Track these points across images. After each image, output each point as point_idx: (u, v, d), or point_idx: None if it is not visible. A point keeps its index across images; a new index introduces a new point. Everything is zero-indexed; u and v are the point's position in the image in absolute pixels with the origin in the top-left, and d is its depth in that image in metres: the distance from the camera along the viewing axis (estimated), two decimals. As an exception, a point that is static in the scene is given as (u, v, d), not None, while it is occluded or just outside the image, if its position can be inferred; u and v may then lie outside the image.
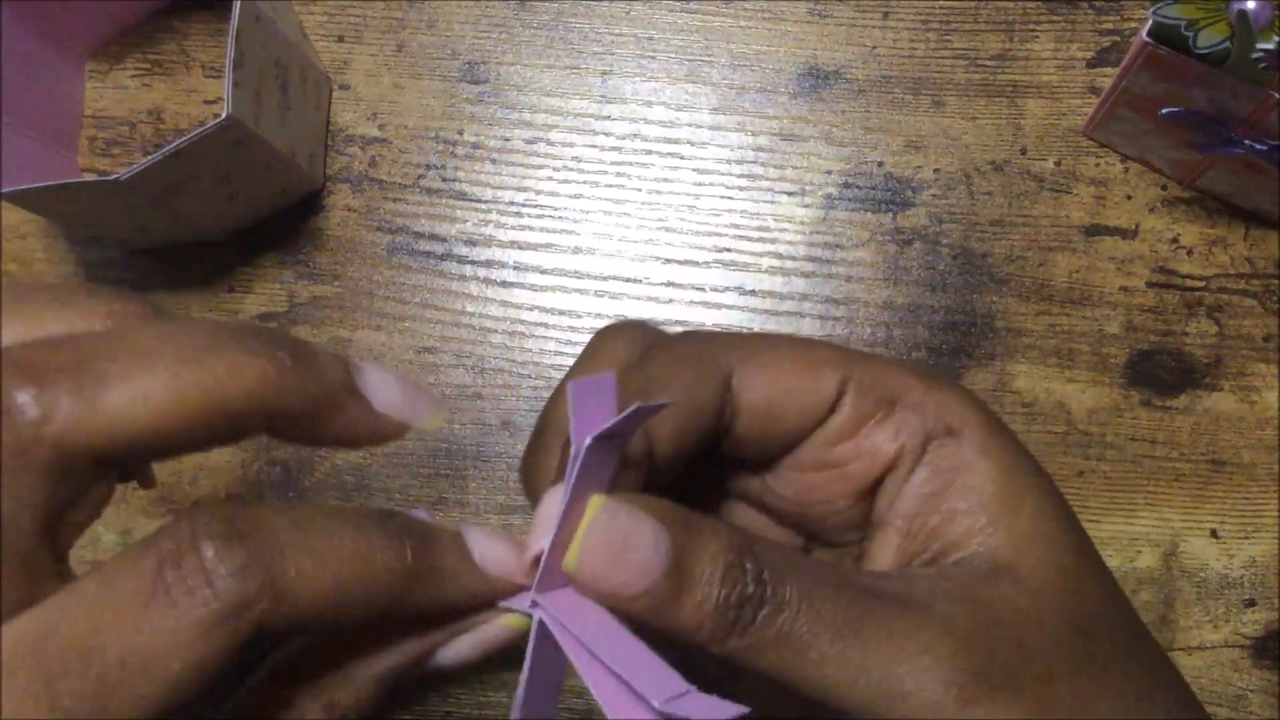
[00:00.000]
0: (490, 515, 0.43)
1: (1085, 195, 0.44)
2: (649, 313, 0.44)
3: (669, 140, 0.45)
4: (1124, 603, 0.25)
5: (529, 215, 0.45)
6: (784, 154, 0.45)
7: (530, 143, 0.46)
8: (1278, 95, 0.36)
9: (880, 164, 0.45)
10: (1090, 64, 0.45)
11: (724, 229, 0.45)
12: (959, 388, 0.26)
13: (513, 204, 0.45)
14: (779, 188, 0.45)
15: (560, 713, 0.41)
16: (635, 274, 0.44)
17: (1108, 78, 0.45)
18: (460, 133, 0.46)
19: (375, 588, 0.20)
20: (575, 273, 0.45)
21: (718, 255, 0.44)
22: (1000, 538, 0.24)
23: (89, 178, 0.41)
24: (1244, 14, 0.35)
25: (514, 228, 0.45)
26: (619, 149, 0.45)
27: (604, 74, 0.46)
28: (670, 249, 0.45)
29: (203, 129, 0.37)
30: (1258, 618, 0.41)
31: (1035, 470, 0.25)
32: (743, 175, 0.45)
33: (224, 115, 0.37)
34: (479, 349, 0.44)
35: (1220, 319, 0.43)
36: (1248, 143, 0.38)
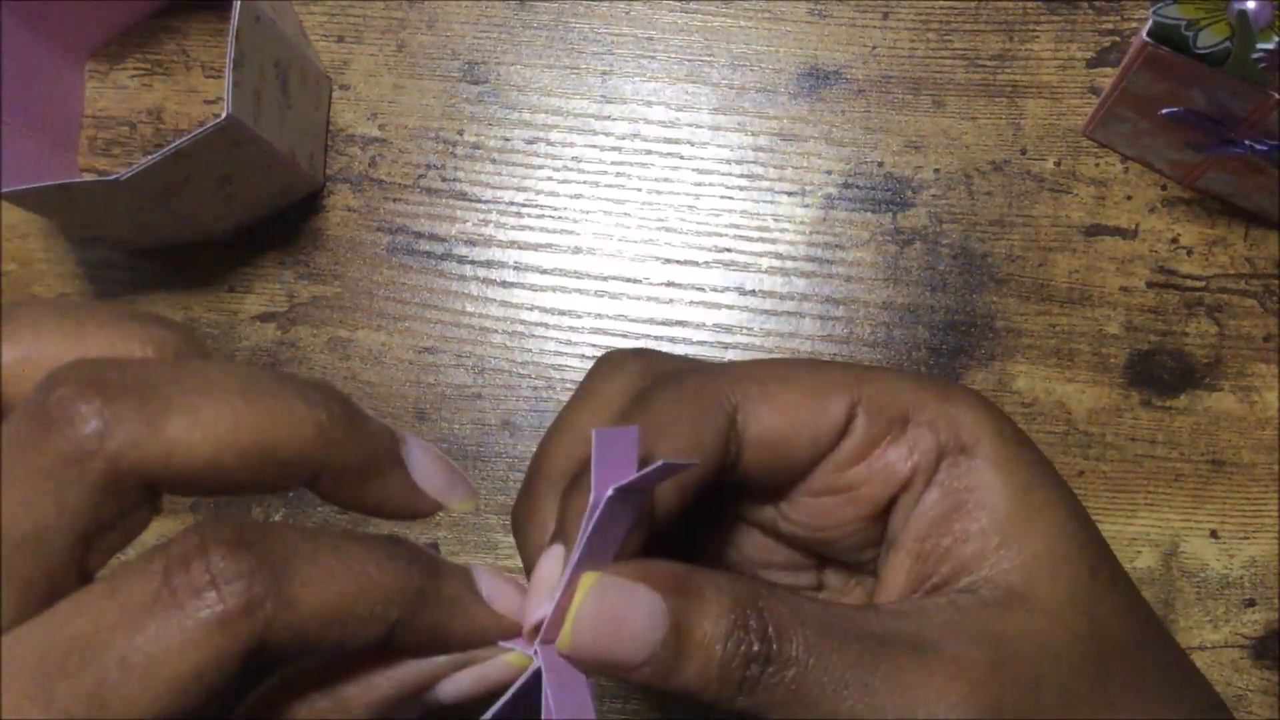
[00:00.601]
0: (490, 515, 0.43)
1: (1085, 195, 0.44)
2: (649, 313, 0.44)
3: (669, 140, 0.45)
4: (1142, 614, 0.24)
5: (529, 215, 0.45)
6: (784, 154, 0.45)
7: (530, 143, 0.46)
8: (1278, 95, 0.36)
9: (880, 164, 0.45)
10: (1090, 64, 0.45)
11: (724, 229, 0.45)
12: (974, 398, 0.25)
13: (513, 204, 0.45)
14: (779, 188, 0.45)
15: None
16: (635, 274, 0.44)
17: (1108, 78, 0.45)
18: (460, 133, 0.46)
19: (381, 606, 0.20)
20: (575, 273, 0.45)
21: (718, 255, 0.44)
22: (1012, 560, 0.23)
23: (89, 178, 0.41)
24: (1244, 14, 0.35)
25: (514, 228, 0.45)
26: (619, 149, 0.45)
27: (604, 74, 0.46)
28: (670, 249, 0.45)
29: (203, 129, 0.37)
30: (1258, 618, 0.41)
31: (1053, 483, 0.24)
32: (743, 175, 0.45)
33: (224, 115, 0.37)
34: (479, 349, 0.44)
35: (1220, 319, 0.43)
36: (1248, 143, 0.38)
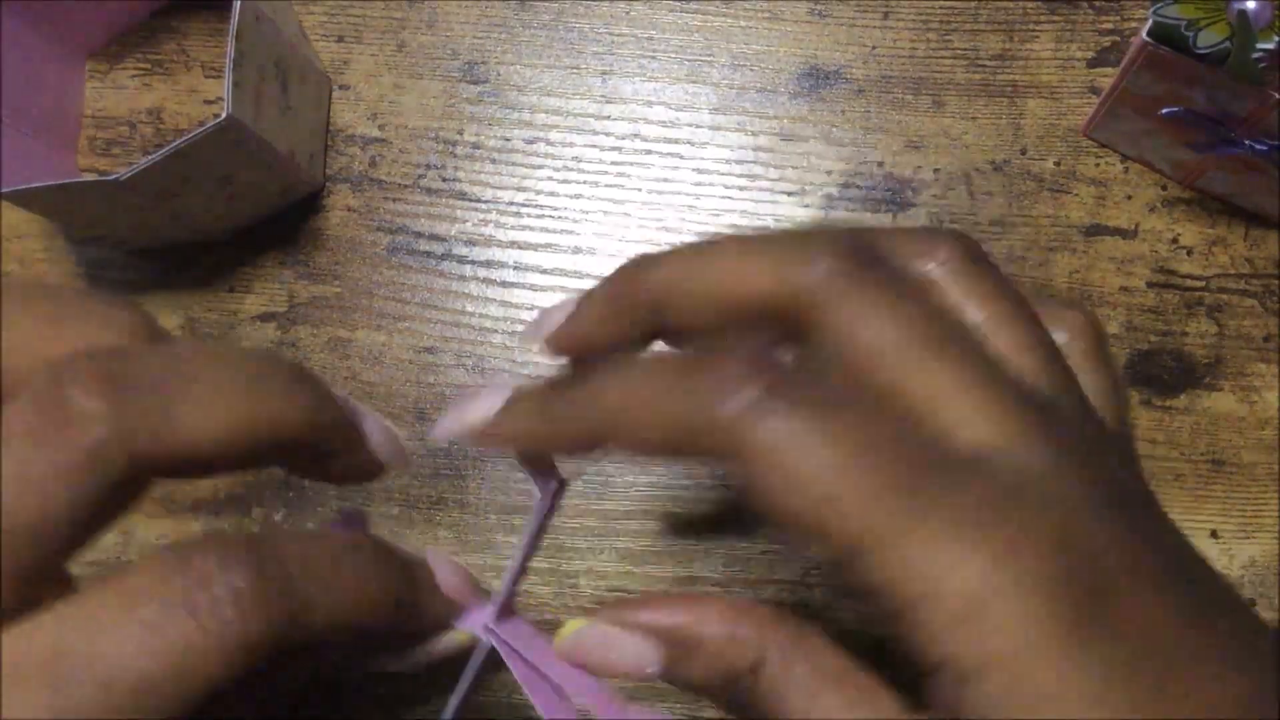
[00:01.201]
0: (490, 515, 0.43)
1: (1085, 195, 0.44)
2: (649, 313, 0.44)
3: (669, 140, 0.45)
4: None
5: (529, 215, 0.45)
6: (784, 154, 0.45)
7: (530, 143, 0.46)
8: (1278, 95, 0.36)
9: (880, 164, 0.45)
10: (1090, 64, 0.45)
11: (724, 229, 0.45)
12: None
13: (513, 204, 0.45)
14: (779, 188, 0.45)
15: None
16: (635, 274, 0.44)
17: (1108, 78, 0.45)
18: (460, 133, 0.46)
19: (370, 621, 0.21)
20: (575, 273, 0.45)
21: (718, 255, 0.44)
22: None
23: (89, 178, 0.41)
24: (1244, 14, 0.35)
25: (514, 228, 0.45)
26: (619, 149, 0.45)
27: (604, 74, 0.46)
28: (670, 249, 0.45)
29: (203, 129, 0.37)
30: (1258, 618, 0.41)
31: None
32: (743, 175, 0.45)
33: (224, 115, 0.37)
34: (479, 349, 0.44)
35: (1220, 319, 0.43)
36: (1248, 143, 0.38)
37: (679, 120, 0.46)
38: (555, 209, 0.45)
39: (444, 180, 0.45)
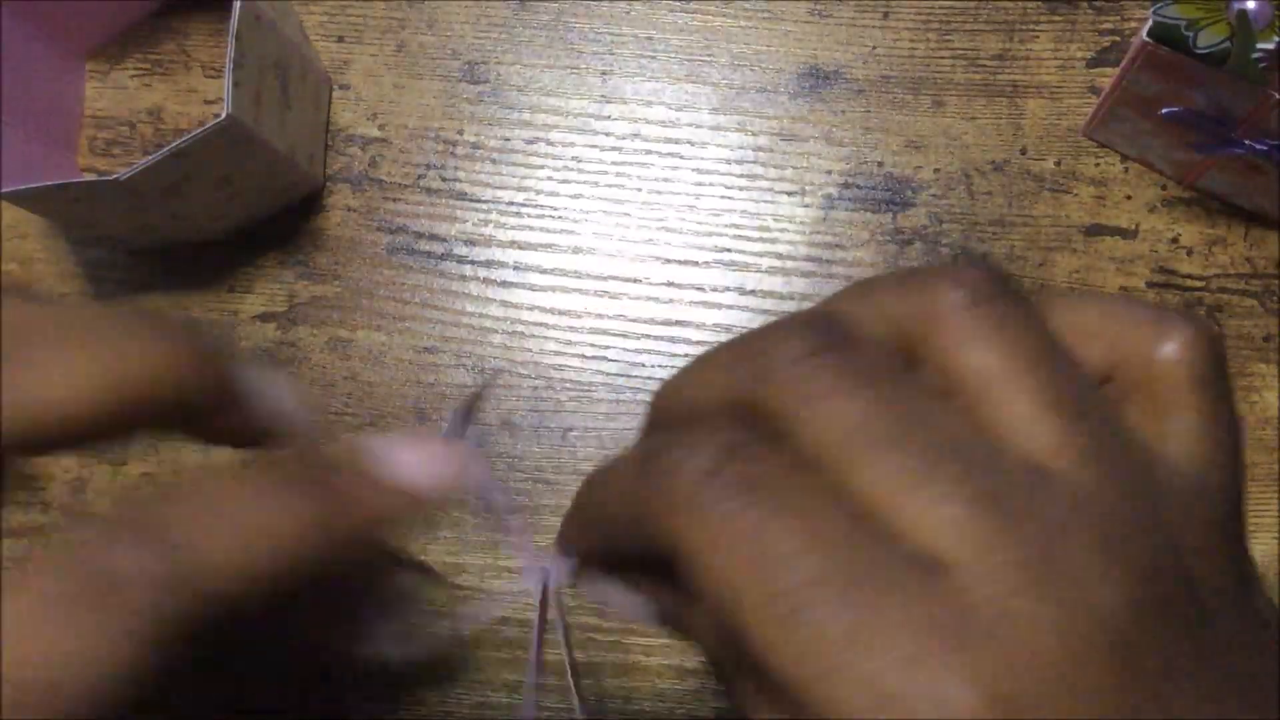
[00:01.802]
0: (491, 515, 0.43)
1: (1085, 195, 0.44)
2: (649, 313, 0.44)
3: (669, 140, 0.45)
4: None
5: (529, 215, 0.45)
6: (784, 154, 0.45)
7: (530, 143, 0.46)
8: (1278, 95, 0.36)
9: (880, 164, 0.45)
10: (1090, 64, 0.45)
11: (724, 229, 0.45)
12: None
13: (513, 204, 0.45)
14: (779, 188, 0.45)
15: (559, 713, 0.41)
16: (635, 274, 0.44)
17: (1108, 78, 0.45)
18: (460, 133, 0.46)
19: (288, 553, 0.19)
20: (575, 273, 0.45)
21: (718, 255, 0.44)
22: None
23: (89, 178, 0.41)
24: (1244, 14, 0.35)
25: (514, 228, 0.45)
26: (619, 149, 0.45)
27: (604, 74, 0.46)
28: (670, 249, 0.45)
29: (203, 129, 0.37)
30: (1258, 618, 0.41)
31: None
32: (743, 175, 0.45)
33: (224, 115, 0.37)
34: (479, 349, 0.44)
35: (1220, 319, 0.43)
36: (1248, 143, 0.38)
37: (679, 120, 0.46)
38: (555, 209, 0.45)
39: (444, 180, 0.45)
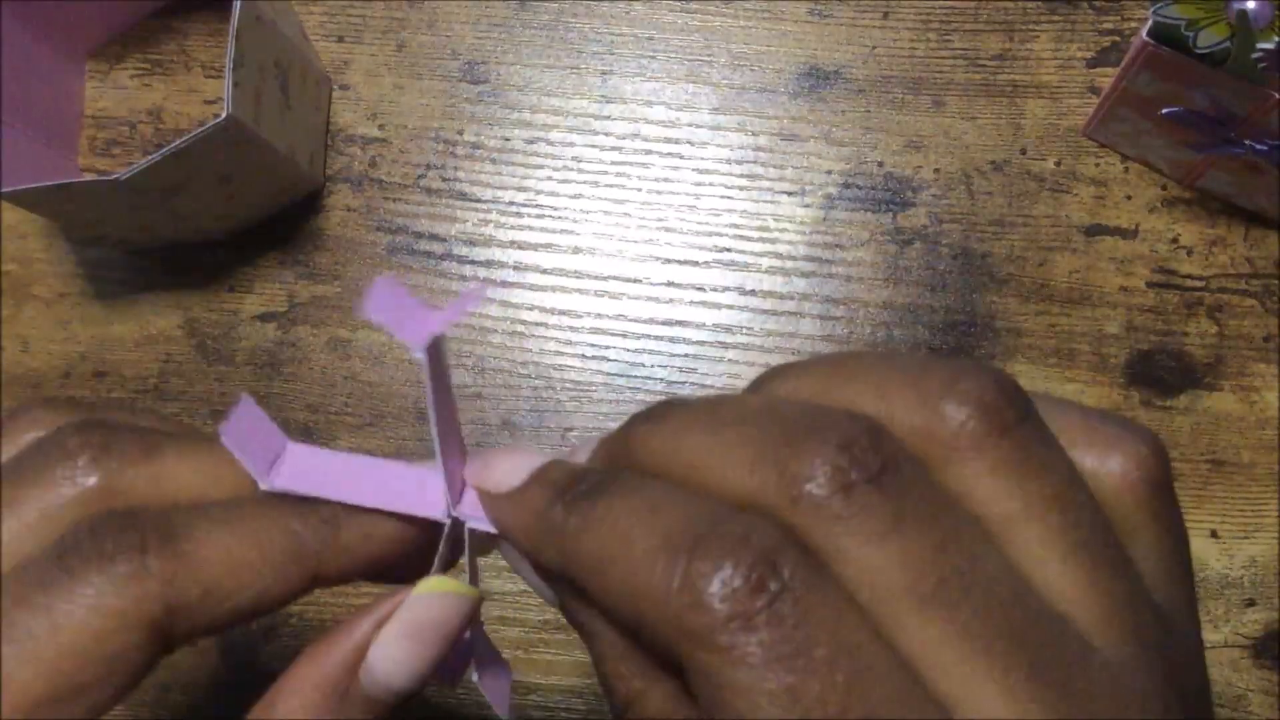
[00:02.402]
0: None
1: (1085, 195, 0.44)
2: (649, 313, 0.44)
3: (669, 140, 0.45)
4: None
5: (529, 215, 0.45)
6: (784, 154, 0.45)
7: (530, 143, 0.46)
8: (1278, 95, 0.36)
9: (880, 164, 0.45)
10: (1090, 64, 0.45)
11: (724, 229, 0.45)
12: None
13: (513, 204, 0.45)
14: (779, 188, 0.45)
15: (559, 713, 0.41)
16: (635, 274, 0.44)
17: (1108, 78, 0.45)
18: (460, 133, 0.46)
19: (276, 575, 0.21)
20: (575, 273, 0.45)
21: (718, 255, 0.44)
22: None
23: (89, 178, 0.41)
24: (1244, 14, 0.35)
25: (514, 228, 0.45)
26: (619, 149, 0.45)
27: (604, 74, 0.46)
28: (670, 249, 0.45)
29: (203, 129, 0.37)
30: (1258, 618, 0.41)
31: None
32: (743, 175, 0.45)
33: (224, 115, 0.37)
34: (479, 349, 0.44)
35: (1220, 319, 0.43)
36: (1248, 143, 0.38)
37: (679, 120, 0.46)
38: (555, 209, 0.45)
39: (444, 180, 0.45)
